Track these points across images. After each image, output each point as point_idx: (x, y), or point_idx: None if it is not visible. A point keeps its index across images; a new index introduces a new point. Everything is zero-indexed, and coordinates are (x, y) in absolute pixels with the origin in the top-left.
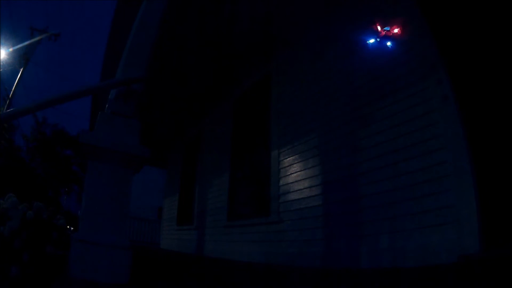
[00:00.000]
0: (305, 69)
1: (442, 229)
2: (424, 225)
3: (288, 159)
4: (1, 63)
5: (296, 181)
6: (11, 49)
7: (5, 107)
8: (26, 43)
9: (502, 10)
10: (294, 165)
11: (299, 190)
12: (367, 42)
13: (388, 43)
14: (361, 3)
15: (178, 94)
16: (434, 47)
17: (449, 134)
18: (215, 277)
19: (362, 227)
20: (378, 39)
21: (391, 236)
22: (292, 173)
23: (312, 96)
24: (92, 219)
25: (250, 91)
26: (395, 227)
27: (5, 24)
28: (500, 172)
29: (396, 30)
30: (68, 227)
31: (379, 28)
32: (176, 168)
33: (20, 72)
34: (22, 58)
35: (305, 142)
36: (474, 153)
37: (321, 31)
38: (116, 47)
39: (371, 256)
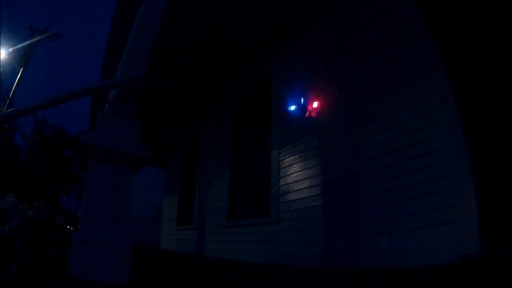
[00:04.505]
0: (305, 69)
1: (442, 229)
2: (424, 225)
3: (288, 159)
4: (1, 63)
5: (296, 181)
6: (11, 49)
7: (5, 107)
8: (26, 43)
9: (502, 10)
10: (294, 165)
11: (299, 190)
12: None
13: None
14: None
15: (178, 94)
16: (434, 47)
17: (449, 134)
18: (215, 277)
19: (362, 227)
20: None
21: (391, 236)
22: (292, 173)
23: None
24: (92, 219)
25: (250, 90)
26: (395, 227)
27: (5, 24)
28: (500, 172)
29: None
30: (68, 227)
31: None
32: (176, 168)
33: (20, 72)
34: (22, 58)
35: (305, 142)
36: (474, 153)
37: (320, 30)
38: (116, 47)
39: (371, 256)
